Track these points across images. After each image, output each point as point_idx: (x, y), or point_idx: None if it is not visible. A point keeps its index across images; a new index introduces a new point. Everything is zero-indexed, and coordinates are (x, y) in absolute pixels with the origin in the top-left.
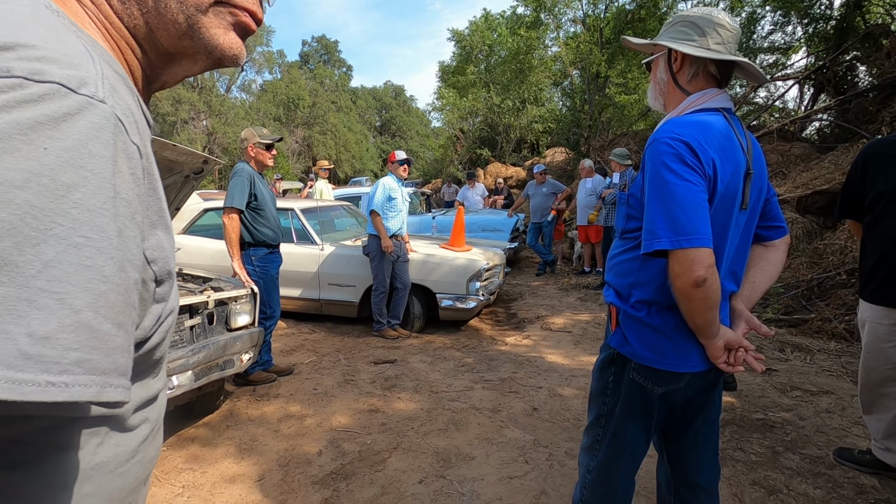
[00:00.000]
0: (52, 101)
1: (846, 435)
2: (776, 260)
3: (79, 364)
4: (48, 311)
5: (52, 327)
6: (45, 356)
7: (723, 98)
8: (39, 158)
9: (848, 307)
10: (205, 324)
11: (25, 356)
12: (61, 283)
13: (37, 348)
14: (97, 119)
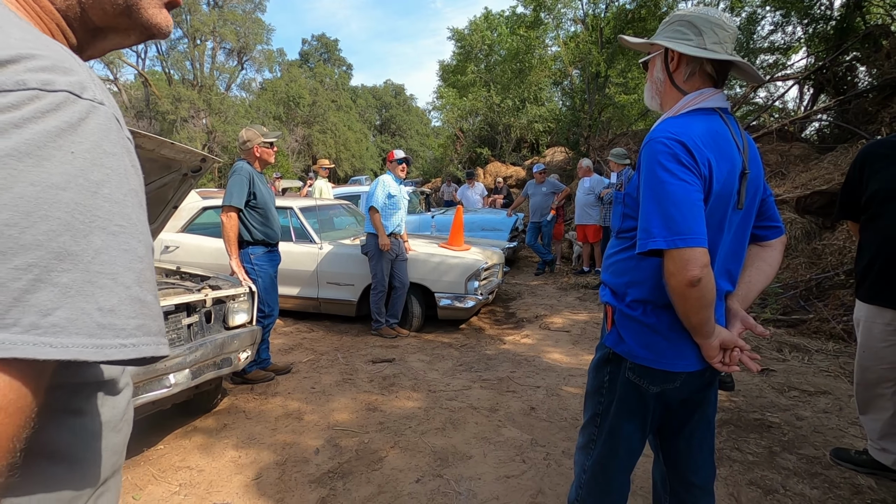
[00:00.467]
0: (66, 108)
1: (843, 435)
2: (772, 260)
3: (139, 329)
4: (108, 289)
5: (114, 302)
6: (115, 324)
7: (719, 98)
8: (72, 162)
9: (846, 308)
10: (202, 322)
11: (101, 326)
12: (112, 265)
13: (108, 319)
14: (103, 121)
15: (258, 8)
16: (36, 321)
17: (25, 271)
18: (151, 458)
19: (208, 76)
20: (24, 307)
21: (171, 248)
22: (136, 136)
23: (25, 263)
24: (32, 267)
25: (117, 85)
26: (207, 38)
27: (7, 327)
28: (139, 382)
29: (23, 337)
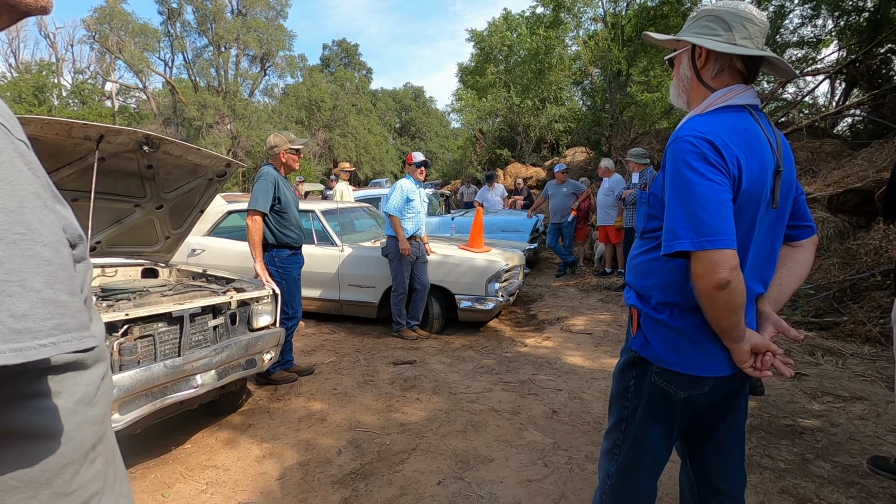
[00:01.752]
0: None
1: (881, 443)
2: (804, 260)
3: (57, 328)
4: (18, 296)
5: (26, 307)
6: (31, 328)
7: (749, 94)
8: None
9: (883, 309)
10: (227, 324)
11: (16, 331)
12: (17, 273)
13: (22, 324)
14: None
15: (280, 15)
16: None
17: None
18: (179, 456)
19: (232, 83)
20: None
21: (198, 252)
22: (165, 143)
23: None
24: None
25: (146, 93)
26: (231, 46)
27: None
28: (168, 383)
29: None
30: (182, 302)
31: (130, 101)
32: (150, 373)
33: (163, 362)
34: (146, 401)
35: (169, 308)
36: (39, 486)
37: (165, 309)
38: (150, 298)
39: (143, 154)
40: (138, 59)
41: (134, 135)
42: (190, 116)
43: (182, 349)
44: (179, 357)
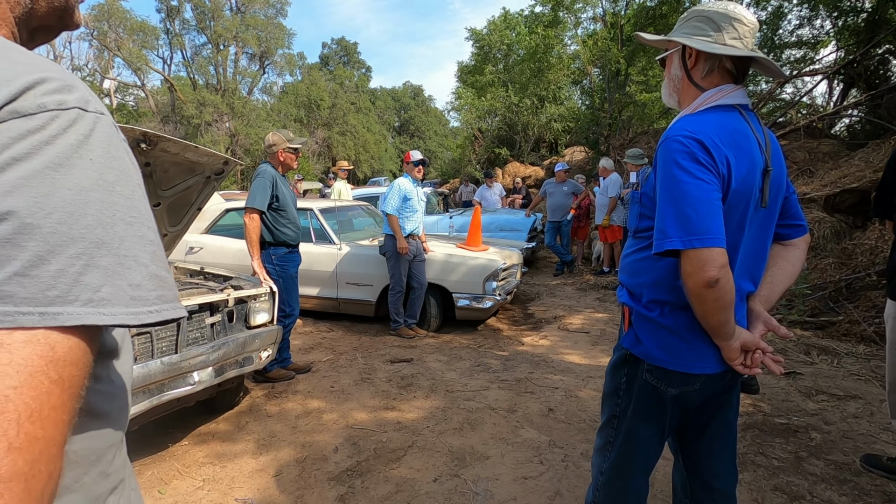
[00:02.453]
0: (79, 123)
1: (874, 441)
2: (796, 259)
3: (159, 298)
4: (133, 269)
5: (139, 278)
6: (142, 296)
7: (739, 94)
8: (91, 167)
9: (878, 309)
10: (225, 321)
11: (133, 298)
12: (132, 250)
13: (136, 292)
14: (106, 129)
15: (279, 13)
16: (90, 297)
17: (77, 258)
18: (176, 453)
19: (231, 81)
20: (81, 287)
21: (195, 249)
22: (162, 140)
23: (77, 252)
24: (82, 255)
25: (144, 90)
26: (230, 44)
27: (72, 302)
28: (165, 380)
29: (84, 309)
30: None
31: (129, 98)
32: (147, 370)
33: (160, 359)
34: (143, 398)
35: None
36: (91, 463)
37: None
38: None
39: (141, 151)
40: (137, 57)
41: (131, 132)
42: (188, 114)
43: (179, 346)
44: (176, 354)
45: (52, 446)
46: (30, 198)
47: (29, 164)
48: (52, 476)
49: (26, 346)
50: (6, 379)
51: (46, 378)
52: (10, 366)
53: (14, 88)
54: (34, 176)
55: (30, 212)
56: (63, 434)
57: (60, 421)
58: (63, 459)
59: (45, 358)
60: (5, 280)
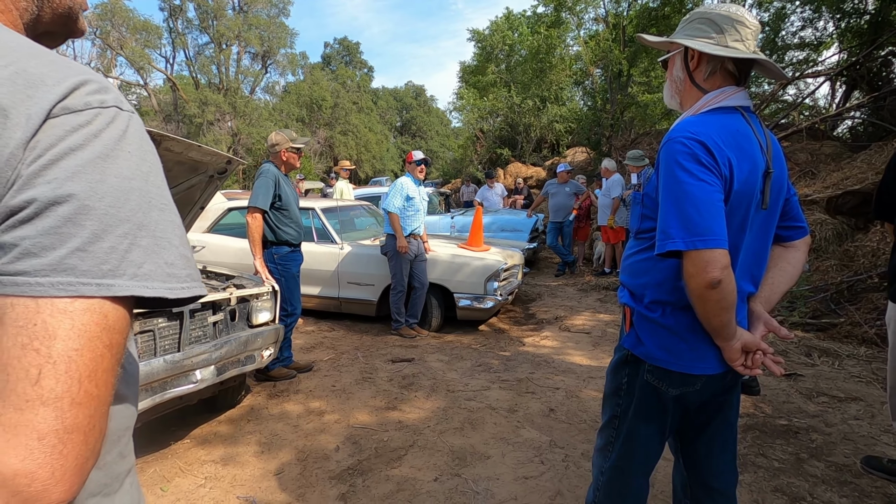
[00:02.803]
0: (118, 119)
1: (875, 443)
2: (796, 261)
3: (189, 276)
4: (167, 249)
5: (172, 258)
6: (175, 274)
7: (741, 96)
8: (130, 159)
9: (879, 311)
10: (227, 320)
11: (169, 275)
12: (165, 232)
13: (171, 270)
14: (137, 126)
15: (282, 13)
16: (136, 272)
17: (125, 237)
18: (178, 451)
19: (233, 80)
20: (127, 263)
21: (197, 248)
22: (165, 139)
23: (124, 232)
24: (128, 234)
25: (147, 89)
26: (233, 43)
27: (121, 276)
28: (167, 378)
29: (131, 282)
30: None
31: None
32: (150, 368)
33: (162, 357)
34: (145, 395)
35: None
36: (112, 443)
37: None
38: None
39: None
40: (139, 56)
41: None
42: (191, 113)
43: (182, 345)
44: (179, 352)
45: (104, 405)
46: (86, 183)
47: (83, 153)
48: (102, 433)
49: (85, 314)
50: (70, 342)
51: (101, 343)
52: (73, 330)
53: (64, 88)
54: (88, 164)
55: (87, 195)
56: (111, 395)
57: (110, 383)
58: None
59: (101, 325)
60: (68, 254)
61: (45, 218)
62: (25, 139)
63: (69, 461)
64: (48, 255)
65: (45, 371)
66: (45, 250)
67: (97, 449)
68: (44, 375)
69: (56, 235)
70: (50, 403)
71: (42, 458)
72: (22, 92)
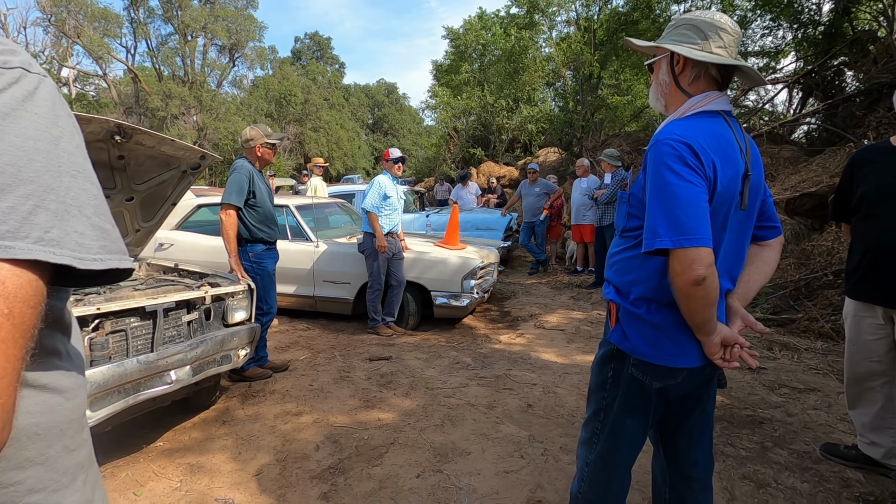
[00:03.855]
0: (23, 81)
1: (832, 431)
2: (770, 259)
3: (103, 248)
4: (77, 218)
5: (83, 227)
6: (85, 244)
7: (723, 101)
8: (37, 120)
9: (834, 307)
10: (202, 319)
11: (78, 244)
12: (76, 200)
13: (81, 239)
14: (50, 89)
15: (250, 5)
16: (41, 235)
17: (27, 199)
18: (151, 454)
19: (199, 73)
20: (31, 225)
21: (165, 246)
22: (137, 132)
23: (27, 193)
24: (31, 196)
25: (106, 80)
26: (198, 35)
27: (22, 238)
28: (140, 379)
29: (34, 246)
30: (155, 296)
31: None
32: (123, 368)
33: (136, 358)
34: (118, 397)
35: (142, 302)
36: (54, 436)
37: (138, 303)
38: (121, 293)
39: (115, 144)
40: (98, 45)
41: (105, 124)
42: (153, 106)
43: (155, 345)
44: (153, 353)
45: (3, 378)
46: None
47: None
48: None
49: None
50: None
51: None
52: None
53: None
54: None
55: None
56: (15, 369)
57: (11, 355)
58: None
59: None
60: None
61: None
62: None
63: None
64: None
65: None
66: None
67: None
68: None
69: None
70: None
71: None
72: None
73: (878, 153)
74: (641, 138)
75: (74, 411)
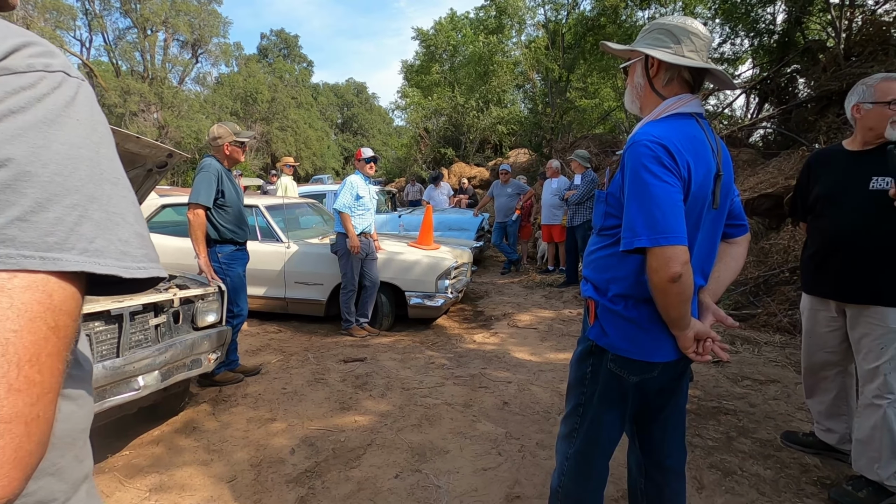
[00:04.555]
0: (65, 85)
1: (791, 419)
2: (738, 255)
3: (145, 256)
4: (121, 226)
5: (127, 235)
6: (130, 252)
7: (695, 104)
8: (78, 127)
9: (791, 302)
10: (170, 322)
11: (122, 252)
12: (119, 208)
13: (125, 248)
14: (88, 94)
15: (214, 0)
16: (86, 246)
17: (73, 209)
18: (117, 464)
19: (160, 69)
20: (77, 236)
21: None
22: None
23: (72, 203)
24: (77, 206)
25: None
26: (159, 29)
27: (69, 250)
28: (107, 385)
29: (80, 257)
30: (121, 299)
31: None
32: None
33: (101, 363)
34: None
35: (107, 306)
36: (66, 445)
37: (103, 307)
38: None
39: None
40: (50, 38)
41: None
42: (111, 103)
43: (122, 349)
44: (119, 358)
45: (49, 393)
46: (27, 147)
47: (24, 116)
48: (48, 423)
49: (26, 292)
50: (7, 322)
51: (44, 324)
52: (11, 309)
53: (4, 48)
54: (30, 128)
55: (28, 160)
56: (58, 383)
57: (56, 369)
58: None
59: (44, 304)
60: (6, 224)
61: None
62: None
63: (7, 453)
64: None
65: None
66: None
67: (43, 442)
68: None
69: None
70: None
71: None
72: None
73: (833, 156)
74: (608, 141)
75: (85, 419)
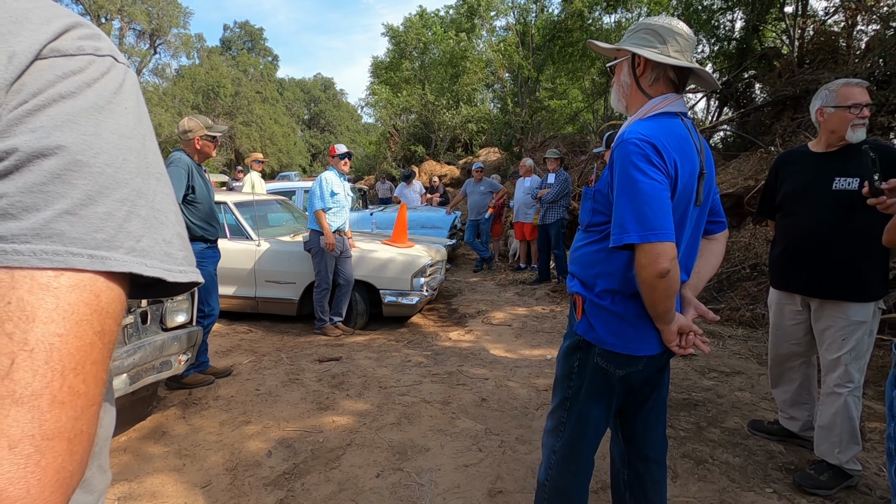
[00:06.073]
0: (114, 71)
1: (756, 409)
2: (718, 251)
3: (185, 259)
4: (164, 225)
5: (169, 235)
6: (172, 254)
7: (680, 103)
8: (127, 115)
9: (752, 297)
10: (138, 323)
11: (166, 254)
12: (162, 205)
13: (168, 248)
14: (134, 81)
15: None
16: (133, 245)
17: (123, 203)
18: None
19: None
20: (125, 234)
21: None
22: None
23: (122, 197)
24: (126, 200)
25: None
26: (114, 17)
27: (117, 248)
28: None
29: (127, 257)
30: None
31: None
32: None
33: None
34: None
35: None
36: (94, 454)
37: None
38: None
39: None
40: None
41: None
42: None
43: None
44: None
45: (93, 405)
46: (79, 135)
47: (74, 102)
48: (91, 439)
49: (73, 292)
50: (52, 325)
51: (91, 328)
52: (57, 311)
53: (55, 28)
54: (81, 114)
55: (79, 149)
56: (101, 394)
57: (100, 379)
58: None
59: (91, 306)
60: (54, 217)
61: (28, 172)
62: (9, 80)
63: (48, 475)
64: (30, 217)
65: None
66: (27, 211)
67: (84, 460)
68: (17, 367)
69: (41, 194)
70: (24, 402)
71: (14, 472)
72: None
73: (799, 157)
74: (577, 141)
75: (109, 427)
